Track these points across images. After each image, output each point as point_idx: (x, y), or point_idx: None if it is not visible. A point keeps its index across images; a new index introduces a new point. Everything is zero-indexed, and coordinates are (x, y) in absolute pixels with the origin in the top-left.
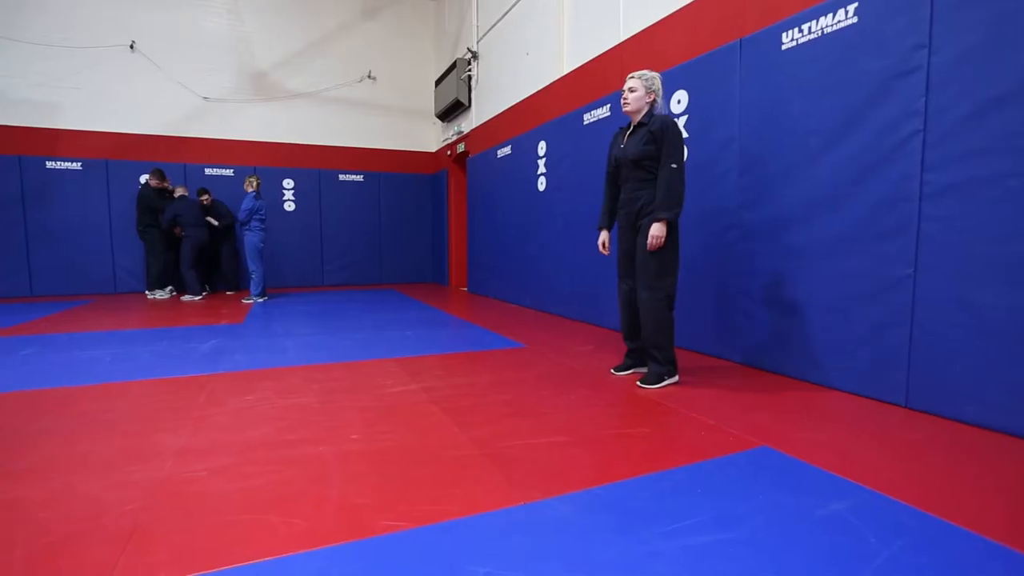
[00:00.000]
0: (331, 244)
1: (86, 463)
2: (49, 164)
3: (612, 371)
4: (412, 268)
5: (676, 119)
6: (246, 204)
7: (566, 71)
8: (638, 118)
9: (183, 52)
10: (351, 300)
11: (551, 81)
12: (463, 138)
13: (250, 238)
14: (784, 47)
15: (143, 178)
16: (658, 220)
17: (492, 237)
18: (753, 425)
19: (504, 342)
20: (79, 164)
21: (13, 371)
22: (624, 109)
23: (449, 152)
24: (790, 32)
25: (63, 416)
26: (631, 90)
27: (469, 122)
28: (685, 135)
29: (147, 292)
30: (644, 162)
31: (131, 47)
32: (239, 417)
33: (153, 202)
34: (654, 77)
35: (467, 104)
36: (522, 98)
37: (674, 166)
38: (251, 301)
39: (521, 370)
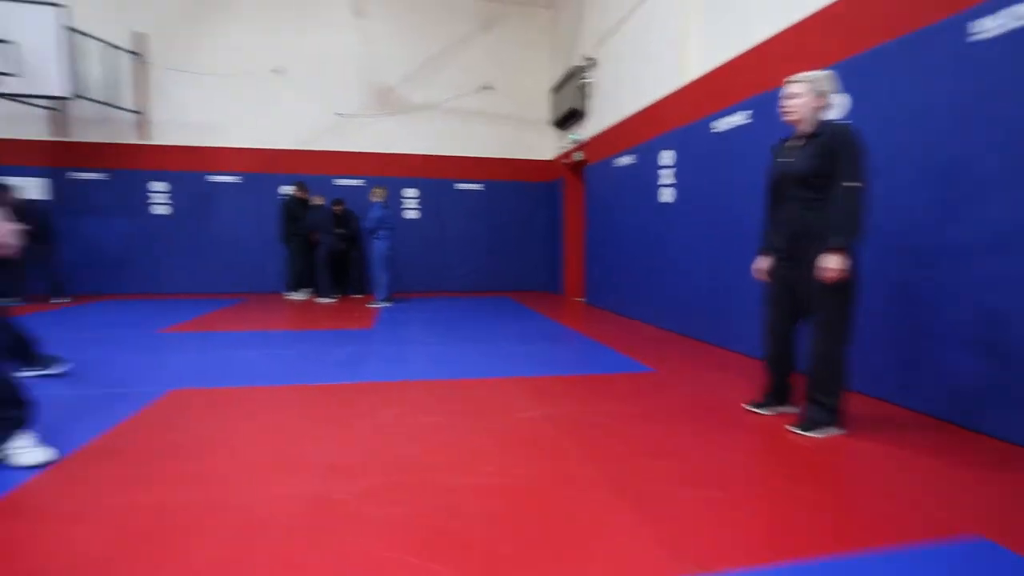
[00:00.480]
0: (451, 251)
1: (238, 469)
2: (211, 178)
3: (749, 407)
4: (527, 276)
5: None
6: (374, 213)
7: (694, 76)
8: (804, 128)
9: (319, 73)
10: (470, 308)
11: (676, 87)
12: (580, 146)
13: (378, 246)
14: (979, 37)
15: (286, 189)
16: (835, 249)
17: (611, 247)
18: (959, 503)
19: (631, 364)
20: (236, 177)
21: (178, 369)
22: (786, 119)
23: (565, 160)
24: (992, 17)
25: (217, 417)
26: (794, 96)
27: (586, 130)
28: None
29: (286, 293)
30: (814, 179)
31: (276, 72)
32: (379, 434)
33: (295, 211)
34: (823, 78)
35: (584, 112)
36: (643, 106)
37: (855, 185)
38: (378, 306)
39: (653, 399)
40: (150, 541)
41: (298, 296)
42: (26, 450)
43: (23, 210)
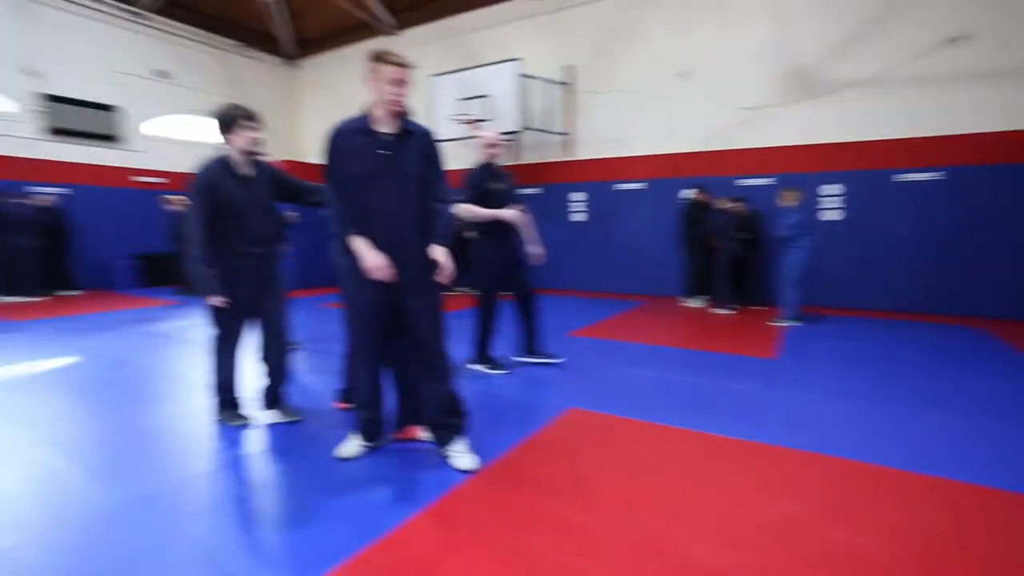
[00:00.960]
0: (887, 257)
1: (629, 509)
2: (621, 186)
3: None
4: (1014, 297)
5: None
6: (788, 219)
7: None
8: None
9: (723, 69)
10: (916, 342)
11: None
12: None
13: (796, 255)
14: None
15: (685, 192)
16: None
17: None
18: None
19: None
20: (641, 184)
21: (580, 382)
22: None
23: None
24: None
25: (608, 452)
26: None
27: None
28: None
29: (682, 298)
30: None
31: (681, 75)
32: (776, 538)
33: (695, 215)
34: None
35: None
36: None
37: None
38: (783, 324)
39: None
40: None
41: (694, 303)
42: (462, 454)
43: None
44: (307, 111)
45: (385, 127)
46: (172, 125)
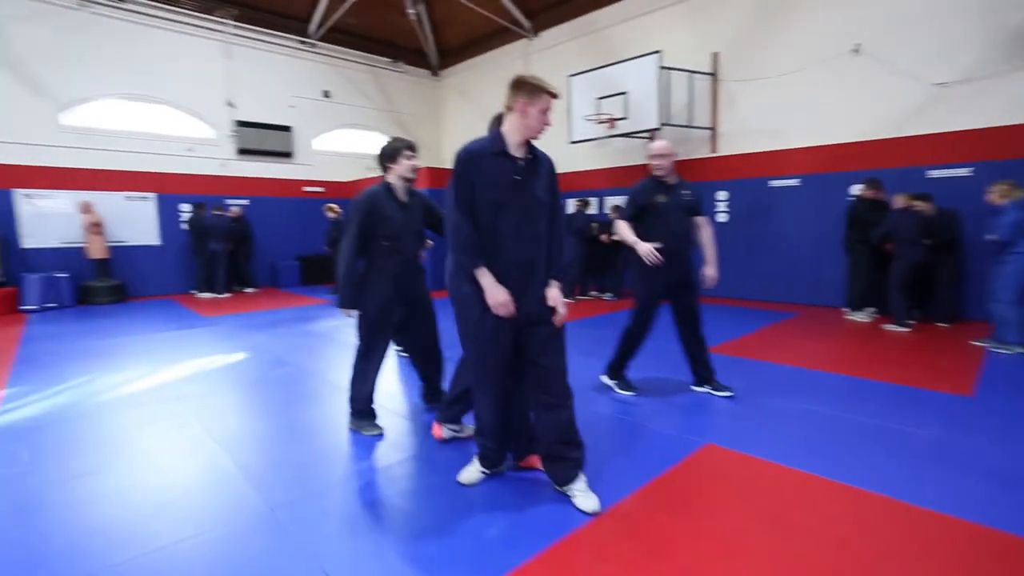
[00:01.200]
0: None
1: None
2: (772, 183)
3: None
4: None
5: None
6: (1006, 218)
7: None
8: None
9: (912, 38)
10: None
11: None
12: None
13: (1016, 264)
14: None
15: (855, 188)
16: None
17: None
18: None
19: None
20: (795, 180)
21: (720, 414)
22: None
23: None
24: None
25: (749, 495)
26: None
27: None
28: None
29: (846, 311)
30: None
31: (856, 51)
32: None
33: (865, 215)
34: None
35: None
36: None
37: None
38: (992, 348)
39: None
40: None
41: (860, 317)
42: (582, 494)
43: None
44: (449, 119)
45: (519, 152)
46: (332, 139)
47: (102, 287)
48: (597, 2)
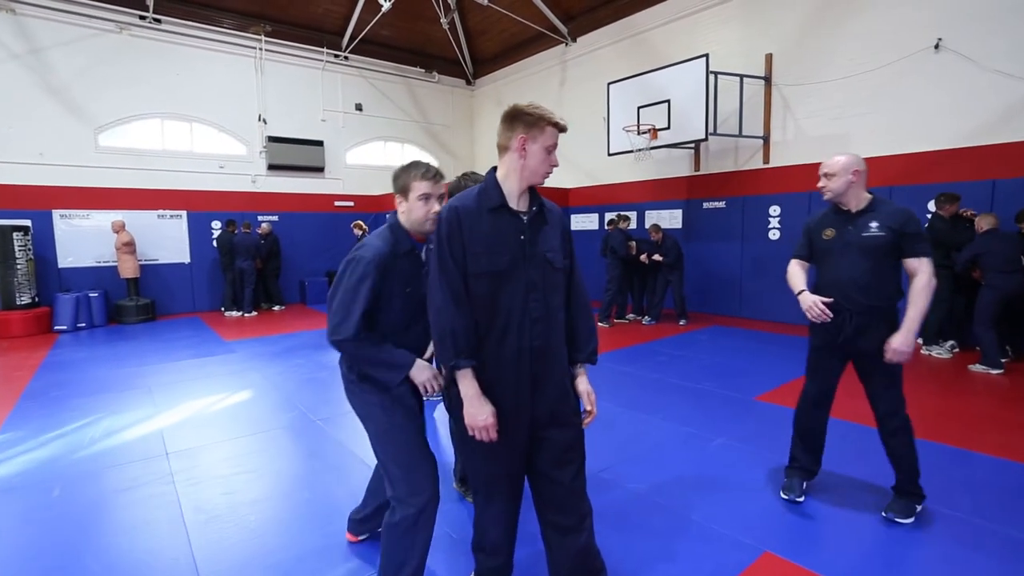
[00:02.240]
0: None
1: None
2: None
3: None
4: None
5: None
6: None
7: None
8: None
9: (1005, 29)
10: None
11: None
12: None
13: None
14: None
15: (932, 204)
16: None
17: None
18: None
19: None
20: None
21: (777, 513)
22: None
23: None
24: None
25: None
26: None
27: None
28: None
29: (924, 344)
30: None
31: (936, 48)
32: None
33: (946, 236)
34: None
35: None
36: None
37: None
38: None
39: None
40: None
41: (939, 353)
42: None
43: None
44: (484, 129)
45: (521, 203)
46: (363, 152)
47: (132, 306)
48: (637, 4)
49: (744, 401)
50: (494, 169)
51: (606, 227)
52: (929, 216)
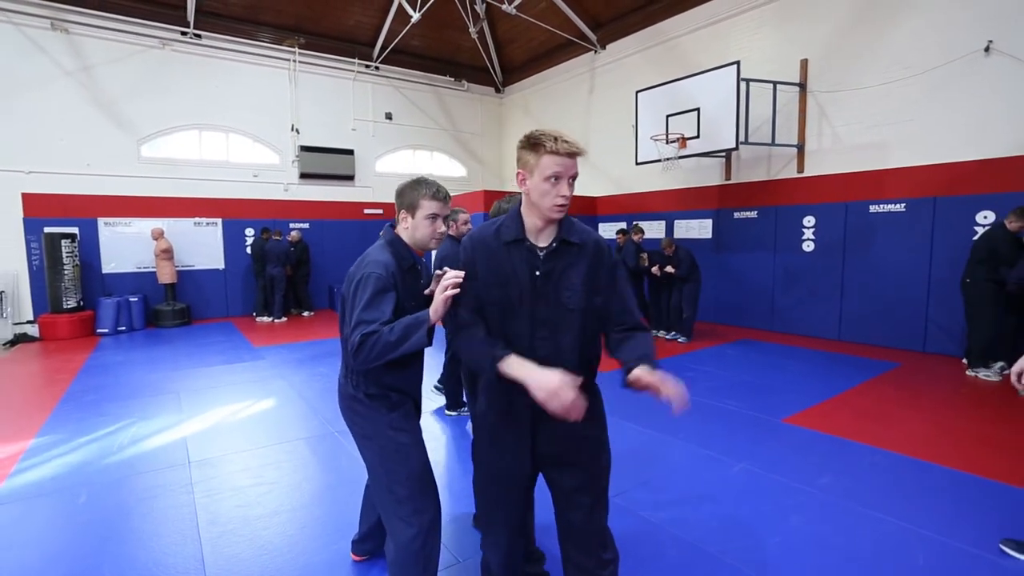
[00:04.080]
0: None
1: None
2: (872, 208)
3: None
4: None
5: None
6: None
7: None
8: None
9: None
10: None
11: None
12: None
13: None
14: None
15: (982, 216)
16: None
17: None
18: None
19: None
20: (902, 206)
21: (817, 545)
22: None
23: None
24: None
25: None
26: None
27: None
28: None
29: (969, 365)
30: None
31: (986, 50)
32: None
33: (997, 246)
34: None
35: None
36: None
37: None
38: None
39: None
40: None
41: (987, 375)
42: None
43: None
44: (513, 137)
45: (542, 238)
46: (393, 160)
47: (169, 310)
48: (667, 10)
49: (770, 423)
50: (521, 200)
51: (615, 237)
52: (986, 229)
